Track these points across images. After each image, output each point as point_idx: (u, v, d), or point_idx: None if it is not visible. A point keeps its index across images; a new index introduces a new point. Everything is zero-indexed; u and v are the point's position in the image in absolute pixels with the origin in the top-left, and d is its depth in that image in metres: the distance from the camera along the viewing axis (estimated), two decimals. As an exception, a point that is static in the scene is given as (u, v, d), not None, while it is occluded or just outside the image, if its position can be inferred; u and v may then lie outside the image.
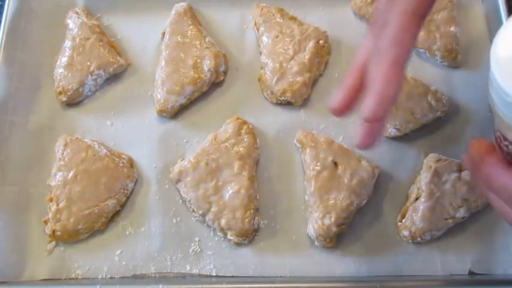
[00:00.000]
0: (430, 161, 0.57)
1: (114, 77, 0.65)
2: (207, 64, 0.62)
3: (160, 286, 0.53)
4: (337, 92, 0.46)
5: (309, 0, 0.68)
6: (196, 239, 0.57)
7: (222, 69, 0.63)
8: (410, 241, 0.55)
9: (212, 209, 0.56)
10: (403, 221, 0.56)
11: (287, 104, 0.63)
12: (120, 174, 0.58)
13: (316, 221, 0.54)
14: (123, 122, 0.63)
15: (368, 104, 0.40)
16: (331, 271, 0.55)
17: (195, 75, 0.61)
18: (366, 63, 0.43)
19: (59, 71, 0.63)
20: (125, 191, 0.58)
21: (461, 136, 0.60)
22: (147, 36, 0.67)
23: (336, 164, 0.57)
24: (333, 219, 0.54)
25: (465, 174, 0.56)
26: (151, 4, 0.68)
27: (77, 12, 0.67)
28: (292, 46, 0.62)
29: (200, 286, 0.53)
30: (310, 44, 0.63)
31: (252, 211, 0.55)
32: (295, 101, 0.62)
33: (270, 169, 0.60)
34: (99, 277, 0.55)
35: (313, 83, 0.63)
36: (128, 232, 0.58)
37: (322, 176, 0.56)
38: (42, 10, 0.68)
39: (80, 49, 0.63)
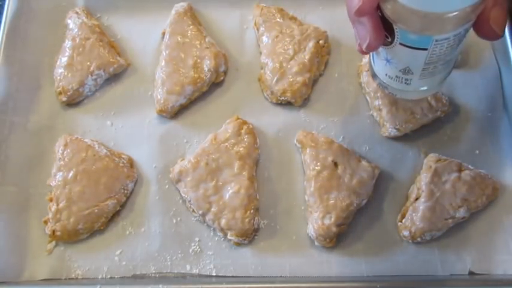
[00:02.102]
0: (430, 161, 0.57)
1: (114, 77, 0.65)
2: (207, 64, 0.62)
3: (160, 286, 0.53)
4: None
5: (309, 0, 0.68)
6: (196, 239, 0.57)
7: (222, 69, 0.63)
8: (410, 241, 0.55)
9: (212, 209, 0.56)
10: (403, 221, 0.56)
11: (287, 104, 0.63)
12: (120, 174, 0.58)
13: (316, 221, 0.54)
14: (123, 122, 0.63)
15: None
16: (331, 271, 0.55)
17: (195, 75, 0.61)
18: None
19: (59, 71, 0.63)
20: (125, 191, 0.58)
21: (461, 136, 0.60)
22: (147, 36, 0.67)
23: (336, 164, 0.57)
24: (333, 219, 0.54)
25: (465, 174, 0.56)
26: (151, 4, 0.68)
27: (77, 12, 0.67)
28: (292, 46, 0.62)
29: (200, 286, 0.53)
30: (310, 44, 0.63)
31: (252, 211, 0.56)
32: (295, 101, 0.62)
33: (270, 169, 0.60)
34: (99, 277, 0.55)
35: (313, 83, 0.63)
36: (128, 232, 0.58)
37: (322, 176, 0.56)
38: (42, 10, 0.68)
39: (80, 49, 0.63)
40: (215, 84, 0.64)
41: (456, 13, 0.37)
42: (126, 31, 0.68)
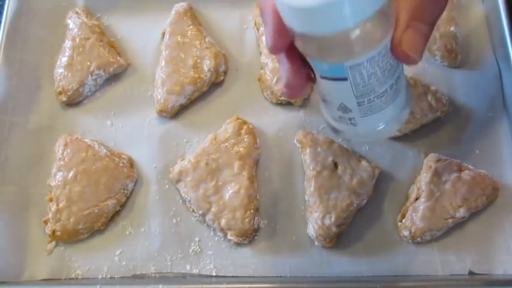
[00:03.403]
0: (430, 161, 0.57)
1: (114, 77, 0.65)
2: (207, 64, 0.62)
3: (160, 286, 0.53)
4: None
5: (309, 0, 0.68)
6: (196, 239, 0.57)
7: (222, 69, 0.63)
8: (410, 241, 0.55)
9: (212, 209, 0.56)
10: (403, 221, 0.56)
11: (287, 104, 0.62)
12: (120, 174, 0.58)
13: (316, 221, 0.54)
14: (123, 122, 0.63)
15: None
16: (331, 271, 0.55)
17: (195, 75, 0.61)
18: None
19: (59, 71, 0.63)
20: (125, 191, 0.58)
21: (461, 136, 0.60)
22: (147, 36, 0.67)
23: (336, 164, 0.57)
24: (333, 219, 0.54)
25: (465, 174, 0.56)
26: (151, 4, 0.68)
27: (77, 12, 0.67)
28: (292, 46, 0.62)
29: (200, 286, 0.53)
30: (310, 44, 0.63)
31: (252, 211, 0.56)
32: (295, 101, 0.62)
33: (270, 169, 0.60)
34: (99, 277, 0.55)
35: (313, 83, 0.63)
36: (128, 232, 0.58)
37: (322, 176, 0.56)
38: (42, 10, 0.68)
39: (80, 49, 0.63)
40: (215, 84, 0.64)
41: (352, 35, 0.33)
42: (126, 31, 0.68)
